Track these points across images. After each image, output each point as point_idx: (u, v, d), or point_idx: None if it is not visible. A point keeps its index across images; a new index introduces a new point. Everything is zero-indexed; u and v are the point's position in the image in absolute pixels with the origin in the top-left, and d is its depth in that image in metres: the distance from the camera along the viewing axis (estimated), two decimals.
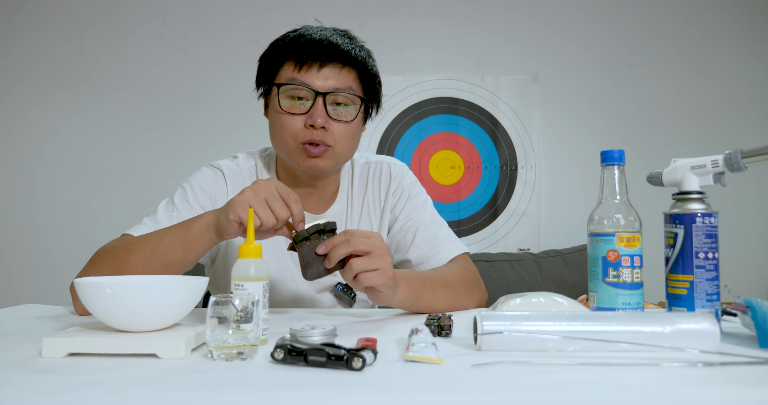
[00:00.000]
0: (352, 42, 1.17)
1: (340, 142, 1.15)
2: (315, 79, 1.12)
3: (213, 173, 1.24)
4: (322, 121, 1.11)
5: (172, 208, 1.18)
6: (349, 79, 1.15)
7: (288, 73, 1.14)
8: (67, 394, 0.54)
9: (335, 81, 1.13)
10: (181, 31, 2.62)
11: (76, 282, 0.72)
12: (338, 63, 1.13)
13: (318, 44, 1.13)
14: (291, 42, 1.15)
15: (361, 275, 0.91)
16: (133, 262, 0.99)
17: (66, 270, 2.60)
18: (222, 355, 0.66)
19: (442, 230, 1.28)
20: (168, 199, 1.21)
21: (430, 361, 0.65)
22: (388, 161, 1.33)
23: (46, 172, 2.59)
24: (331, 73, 1.13)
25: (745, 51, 2.63)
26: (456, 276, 1.17)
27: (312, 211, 1.26)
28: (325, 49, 1.12)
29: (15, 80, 2.59)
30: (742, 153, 0.85)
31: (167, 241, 1.00)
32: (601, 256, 0.87)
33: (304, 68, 1.12)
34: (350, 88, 1.14)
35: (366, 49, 1.20)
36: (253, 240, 0.78)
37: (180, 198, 1.20)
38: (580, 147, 2.61)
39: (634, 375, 0.61)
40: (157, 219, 1.15)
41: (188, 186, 1.22)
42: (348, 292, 1.22)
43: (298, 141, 1.14)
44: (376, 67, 1.21)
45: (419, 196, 1.31)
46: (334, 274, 1.24)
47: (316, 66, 1.12)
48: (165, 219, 1.15)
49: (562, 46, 2.63)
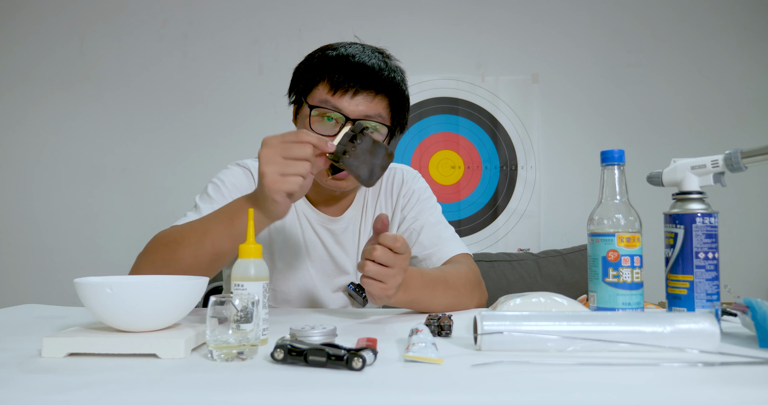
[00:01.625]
0: (388, 66, 1.18)
1: None
2: (347, 105, 1.13)
3: (242, 171, 1.27)
4: None
5: (210, 200, 1.18)
6: (380, 107, 1.16)
7: (321, 95, 1.15)
8: (67, 394, 0.54)
9: (366, 107, 1.14)
10: (181, 31, 2.62)
11: (77, 282, 0.72)
12: (372, 91, 1.14)
13: (355, 69, 1.13)
14: (329, 62, 1.16)
15: (366, 279, 0.94)
16: (182, 254, 0.99)
17: (66, 270, 2.60)
18: (222, 355, 0.67)
19: (447, 232, 1.31)
20: (202, 194, 1.22)
21: (430, 361, 0.65)
22: (402, 168, 1.38)
23: (45, 172, 2.58)
24: (364, 100, 1.14)
25: (745, 51, 2.63)
26: (460, 277, 1.18)
27: (330, 214, 1.29)
28: (361, 76, 1.13)
29: (15, 80, 2.59)
30: (742, 153, 0.85)
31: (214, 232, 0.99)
32: (601, 256, 0.87)
33: (338, 93, 1.13)
34: (380, 115, 1.16)
35: (400, 72, 1.21)
36: (253, 240, 0.78)
37: (215, 191, 1.20)
38: (580, 147, 2.61)
39: (634, 375, 0.61)
40: (200, 210, 1.16)
41: (220, 182, 1.23)
42: (360, 292, 1.24)
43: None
44: (407, 91, 1.23)
45: (429, 200, 1.35)
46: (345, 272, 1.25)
47: (351, 92, 1.13)
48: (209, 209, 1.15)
49: (562, 46, 2.63)
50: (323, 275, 1.29)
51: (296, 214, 1.28)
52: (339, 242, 1.30)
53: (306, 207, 1.29)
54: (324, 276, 1.29)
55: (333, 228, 1.29)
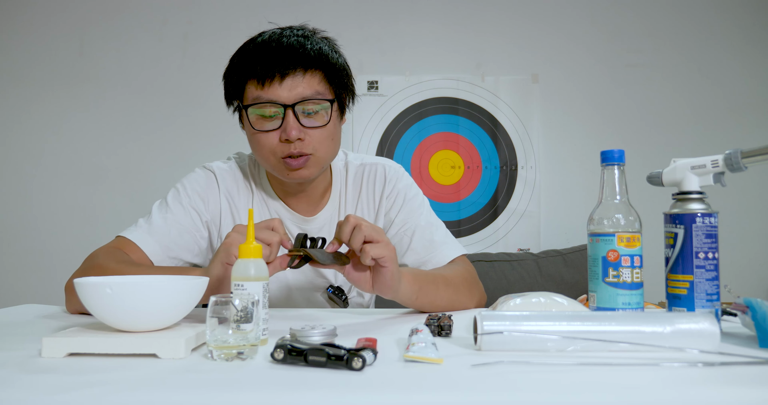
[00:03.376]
0: (310, 40, 1.12)
1: (320, 147, 1.13)
2: (280, 92, 1.08)
3: (205, 175, 1.24)
4: (296, 134, 1.09)
5: (166, 210, 1.18)
6: (314, 83, 1.10)
7: (252, 92, 1.10)
8: (67, 394, 0.54)
9: (301, 88, 1.09)
10: (181, 31, 2.62)
11: (77, 282, 0.72)
12: (300, 69, 1.08)
13: (274, 53, 1.08)
14: (248, 57, 1.11)
15: (367, 245, 0.89)
16: None
17: (66, 270, 2.57)
18: (222, 355, 0.66)
19: (439, 232, 1.26)
20: (161, 201, 1.21)
21: (430, 361, 0.65)
22: (383, 163, 1.30)
23: (46, 172, 2.58)
24: (295, 81, 1.08)
25: (745, 51, 2.63)
26: (457, 275, 1.17)
27: (302, 213, 1.25)
28: (283, 58, 1.08)
29: (15, 80, 2.59)
30: (742, 153, 0.85)
31: None
32: (601, 256, 0.87)
33: (266, 84, 1.08)
34: (318, 92, 1.10)
35: (328, 42, 1.15)
36: (253, 240, 0.78)
37: (174, 200, 1.20)
38: (580, 147, 2.61)
39: (634, 375, 0.61)
40: (152, 221, 1.16)
41: (181, 188, 1.22)
42: (339, 295, 1.21)
43: (278, 156, 1.12)
44: (341, 59, 1.16)
45: (415, 198, 1.28)
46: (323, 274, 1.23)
47: (278, 79, 1.08)
48: (161, 221, 1.16)
49: (562, 46, 2.63)
50: (299, 276, 1.24)
51: (269, 212, 1.24)
52: None
53: (279, 206, 1.25)
54: (300, 277, 1.24)
55: (307, 228, 1.25)
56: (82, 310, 1.04)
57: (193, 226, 1.19)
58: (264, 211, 1.25)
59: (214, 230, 1.23)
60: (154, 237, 1.14)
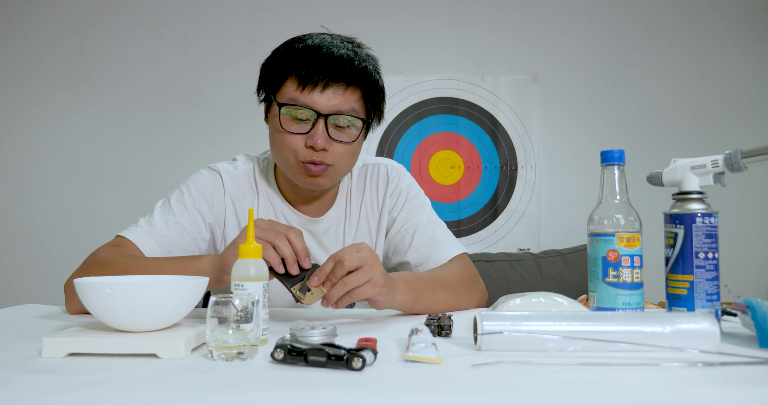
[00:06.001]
0: (359, 56, 1.12)
1: (341, 160, 1.14)
2: (318, 100, 1.08)
3: (211, 176, 1.23)
4: (323, 143, 1.09)
5: (168, 211, 1.17)
6: (352, 100, 1.11)
7: (290, 92, 1.10)
8: (67, 394, 0.54)
9: (338, 102, 1.09)
10: (181, 31, 2.62)
11: (77, 282, 0.72)
12: (343, 83, 1.09)
13: (323, 60, 1.08)
14: (295, 55, 1.10)
15: (354, 291, 0.90)
16: None
17: (66, 270, 2.57)
18: (222, 355, 0.66)
19: (440, 231, 1.27)
20: (164, 200, 1.20)
21: (430, 361, 0.65)
22: (386, 163, 1.32)
23: (45, 172, 2.58)
24: (335, 93, 1.09)
25: (745, 51, 2.63)
26: (455, 276, 1.17)
27: (311, 215, 1.26)
28: (330, 67, 1.08)
29: (15, 80, 2.59)
30: (742, 153, 0.85)
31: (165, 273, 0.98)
32: (601, 256, 0.87)
33: (307, 88, 1.08)
34: (353, 109, 1.11)
35: (372, 60, 1.16)
36: (253, 240, 0.78)
37: (177, 201, 1.19)
38: (580, 147, 2.61)
39: (634, 375, 0.61)
40: (153, 222, 1.15)
41: (186, 188, 1.21)
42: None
43: (299, 159, 1.12)
44: (381, 80, 1.17)
45: (417, 197, 1.30)
46: None
47: (320, 86, 1.08)
48: (161, 222, 1.15)
49: (562, 46, 2.63)
50: None
51: (275, 215, 1.24)
52: (321, 244, 1.26)
53: (285, 208, 1.24)
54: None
55: (314, 229, 1.25)
56: (82, 310, 1.04)
57: (195, 228, 1.18)
58: (270, 213, 1.24)
59: (218, 232, 1.23)
60: (154, 238, 1.13)
